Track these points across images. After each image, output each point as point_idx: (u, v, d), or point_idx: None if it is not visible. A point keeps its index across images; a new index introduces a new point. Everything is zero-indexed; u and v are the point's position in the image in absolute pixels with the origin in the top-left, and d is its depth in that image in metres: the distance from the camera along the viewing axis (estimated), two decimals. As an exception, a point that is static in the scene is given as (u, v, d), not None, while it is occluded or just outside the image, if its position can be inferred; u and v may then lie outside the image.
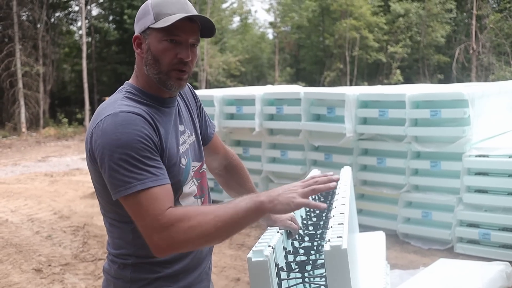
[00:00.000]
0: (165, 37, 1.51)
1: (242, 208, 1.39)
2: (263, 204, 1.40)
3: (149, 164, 1.42)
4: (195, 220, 1.37)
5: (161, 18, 1.51)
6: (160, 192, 1.41)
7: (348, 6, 25.46)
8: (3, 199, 8.13)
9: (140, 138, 1.42)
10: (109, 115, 1.45)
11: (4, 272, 4.91)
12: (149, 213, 1.39)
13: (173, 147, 1.56)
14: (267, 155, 6.66)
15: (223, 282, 4.57)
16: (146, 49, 1.55)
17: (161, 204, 1.40)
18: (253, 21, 35.88)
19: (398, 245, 5.38)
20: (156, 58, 1.53)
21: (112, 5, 27.03)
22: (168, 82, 1.55)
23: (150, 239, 1.40)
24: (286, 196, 1.41)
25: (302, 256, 1.82)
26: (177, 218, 1.38)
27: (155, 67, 1.54)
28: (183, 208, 1.42)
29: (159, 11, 1.52)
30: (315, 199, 2.62)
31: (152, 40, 1.53)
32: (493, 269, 3.85)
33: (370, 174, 5.80)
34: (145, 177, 1.40)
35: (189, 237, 1.38)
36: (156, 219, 1.38)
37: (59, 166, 12.04)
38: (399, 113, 5.37)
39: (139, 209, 1.40)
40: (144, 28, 1.54)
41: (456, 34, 26.14)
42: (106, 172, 1.43)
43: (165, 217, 1.38)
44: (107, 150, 1.41)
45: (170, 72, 1.54)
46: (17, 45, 20.81)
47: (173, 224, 1.37)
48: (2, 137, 18.59)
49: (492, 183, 4.91)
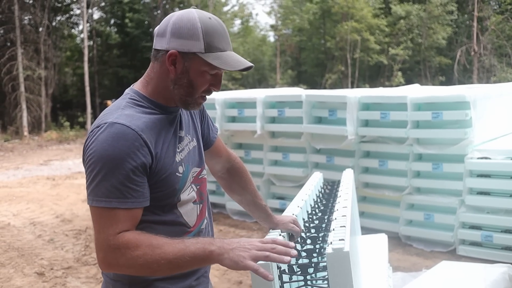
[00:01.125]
0: (209, 70, 1.53)
1: (189, 252, 1.38)
2: (211, 254, 1.38)
3: (125, 184, 1.43)
4: (141, 251, 1.39)
5: (212, 51, 1.50)
6: (122, 215, 1.43)
7: (349, 8, 25.49)
8: (5, 203, 8.14)
9: (125, 155, 1.43)
10: (107, 124, 1.46)
11: (7, 276, 4.91)
12: (104, 230, 1.42)
13: (169, 156, 1.56)
14: (269, 157, 6.66)
15: (225, 285, 4.57)
16: (183, 71, 1.53)
17: (118, 227, 1.42)
18: (254, 24, 36.01)
19: (400, 248, 5.37)
20: (191, 84, 1.54)
21: (113, 9, 27.11)
22: (192, 105, 1.59)
23: (97, 254, 1.44)
24: (237, 253, 1.37)
25: (304, 259, 1.82)
26: (125, 244, 1.40)
27: (187, 91, 1.55)
28: (134, 235, 1.43)
29: (211, 42, 1.50)
30: (317, 201, 2.62)
31: (194, 66, 1.52)
32: (496, 271, 3.84)
33: (372, 177, 5.79)
34: (114, 196, 1.42)
35: (131, 265, 1.40)
36: (107, 238, 1.41)
37: (61, 170, 12.05)
38: (401, 115, 5.37)
39: (97, 223, 1.44)
40: (187, 51, 1.50)
41: (458, 36, 26.14)
42: (86, 176, 1.47)
43: (115, 239, 1.41)
44: (92, 157, 1.43)
45: (198, 98, 1.58)
46: (19, 49, 20.87)
47: (119, 248, 1.40)
48: (4, 140, 18.62)
49: (494, 185, 4.90)
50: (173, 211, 1.60)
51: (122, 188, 1.42)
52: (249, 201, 1.96)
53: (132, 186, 1.44)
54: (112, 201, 1.42)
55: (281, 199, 6.52)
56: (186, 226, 1.63)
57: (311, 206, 2.48)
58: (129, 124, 1.46)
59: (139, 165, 1.45)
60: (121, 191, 1.42)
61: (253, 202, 1.96)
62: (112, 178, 1.41)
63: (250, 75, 30.47)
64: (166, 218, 1.59)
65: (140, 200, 1.47)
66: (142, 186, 1.47)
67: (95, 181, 1.42)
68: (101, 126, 1.46)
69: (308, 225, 2.20)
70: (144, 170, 1.47)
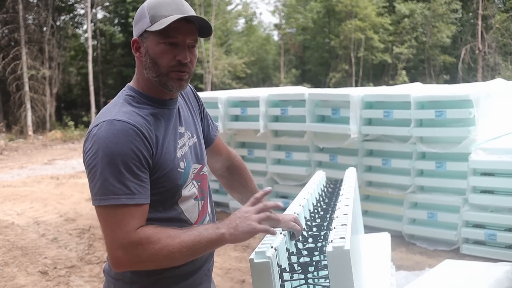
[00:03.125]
0: (162, 39, 1.52)
1: (204, 238, 1.44)
2: (223, 236, 1.46)
3: (130, 179, 1.43)
4: (163, 243, 1.41)
5: (157, 20, 1.51)
6: (134, 211, 1.43)
7: (353, 7, 25.44)
8: (10, 202, 8.16)
9: (128, 150, 1.43)
10: (105, 122, 1.46)
11: (10, 274, 4.93)
12: (120, 228, 1.41)
13: (169, 151, 1.56)
14: (272, 156, 6.65)
15: (228, 284, 4.57)
16: (145, 53, 1.55)
17: (134, 222, 1.42)
18: (258, 23, 35.91)
19: (403, 246, 5.36)
20: (154, 61, 1.53)
21: (117, 8, 27.14)
22: (168, 84, 1.55)
23: (114, 252, 1.42)
24: (243, 225, 1.47)
25: (305, 257, 1.82)
26: (147, 239, 1.41)
27: (154, 70, 1.54)
28: (152, 229, 1.43)
29: (155, 13, 1.52)
30: (319, 199, 2.61)
31: (149, 43, 1.53)
32: (499, 270, 3.82)
33: (375, 175, 5.78)
34: (122, 192, 1.42)
35: (156, 258, 1.42)
36: (127, 236, 1.40)
37: (65, 169, 12.08)
38: (404, 113, 5.36)
39: (109, 222, 1.43)
40: (141, 32, 1.54)
41: (462, 35, 26.07)
42: (89, 177, 1.45)
43: (136, 234, 1.41)
44: (95, 156, 1.43)
45: (169, 74, 1.54)
46: (23, 49, 20.94)
47: (142, 243, 1.40)
48: (9, 140, 18.68)
49: (498, 183, 4.88)
50: (174, 207, 1.60)
51: (129, 184, 1.42)
52: (249, 199, 1.96)
53: (138, 182, 1.44)
54: (121, 198, 1.41)
55: (284, 197, 6.51)
56: (188, 223, 1.63)
57: (313, 204, 2.48)
58: (128, 120, 1.46)
59: (142, 160, 1.46)
60: (128, 187, 1.42)
61: (254, 200, 1.96)
62: (118, 174, 1.41)
63: (254, 74, 30.48)
64: (168, 215, 1.59)
65: (146, 195, 1.47)
66: (147, 182, 1.48)
67: (100, 180, 1.41)
68: (100, 124, 1.46)
69: (310, 223, 2.19)
70: (147, 165, 1.48)
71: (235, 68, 26.59)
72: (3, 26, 22.21)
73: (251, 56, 29.21)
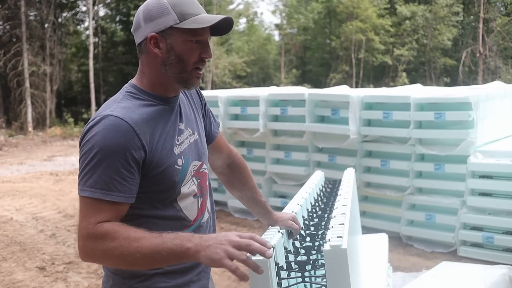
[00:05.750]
0: (191, 38, 1.54)
1: (166, 248, 1.35)
2: (188, 252, 1.35)
3: (111, 176, 1.44)
4: (117, 243, 1.38)
5: (186, 18, 1.52)
6: (105, 207, 1.44)
7: (354, 8, 25.45)
8: (9, 198, 8.17)
9: (116, 147, 1.44)
10: (101, 116, 1.47)
11: (8, 270, 4.94)
12: (85, 219, 1.43)
13: (166, 148, 1.57)
14: (271, 156, 6.66)
15: (226, 283, 4.58)
16: (168, 49, 1.54)
17: (99, 217, 1.43)
18: (259, 22, 35.93)
19: (401, 248, 5.37)
20: (180, 58, 1.55)
21: (119, 6, 27.12)
22: (190, 81, 1.59)
23: (78, 242, 1.45)
24: (213, 251, 1.32)
25: (303, 256, 1.83)
26: (102, 234, 1.40)
27: (178, 67, 1.55)
28: (113, 226, 1.42)
29: (182, 11, 1.52)
30: (317, 199, 2.62)
31: (175, 39, 1.53)
32: (496, 273, 3.83)
33: (373, 176, 5.79)
34: (99, 187, 1.43)
35: (107, 256, 1.41)
36: (87, 227, 1.42)
37: (64, 166, 12.09)
38: (404, 115, 5.37)
39: (81, 212, 1.45)
40: (163, 28, 1.53)
41: (463, 37, 26.08)
42: (79, 168, 1.49)
43: (94, 228, 1.42)
44: (85, 149, 1.46)
45: (192, 71, 1.57)
46: (25, 45, 20.93)
47: (97, 238, 1.41)
48: (9, 136, 18.68)
49: (496, 186, 4.90)
50: (173, 205, 1.60)
51: (108, 180, 1.43)
52: (249, 197, 1.97)
53: (118, 179, 1.45)
54: (97, 192, 1.43)
55: (283, 197, 6.52)
56: (186, 220, 1.63)
57: (311, 204, 2.49)
58: (122, 116, 1.47)
59: (129, 158, 1.46)
60: (107, 182, 1.43)
61: (253, 198, 1.97)
62: (99, 169, 1.43)
63: (254, 73, 30.48)
64: (166, 213, 1.59)
65: (125, 195, 1.47)
66: (130, 181, 1.47)
67: (84, 171, 1.45)
68: (95, 118, 1.49)
69: (307, 223, 2.20)
70: (135, 163, 1.48)
71: (235, 67, 26.59)
72: (5, 22, 22.21)
73: (252, 55, 29.21)
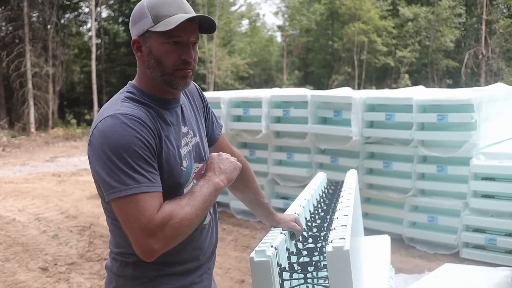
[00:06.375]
0: (167, 39, 1.52)
1: (207, 194, 1.52)
2: (219, 184, 1.56)
3: (145, 169, 1.44)
4: (182, 214, 1.44)
5: (160, 20, 1.50)
6: (153, 197, 1.43)
7: (357, 9, 25.45)
8: (11, 198, 8.18)
9: (138, 141, 1.43)
10: (109, 116, 1.46)
11: (11, 270, 4.95)
12: (145, 215, 1.39)
13: (174, 149, 1.57)
14: (274, 157, 6.66)
15: (228, 284, 4.58)
16: (148, 53, 1.55)
17: (154, 207, 1.42)
18: (262, 24, 35.93)
19: (403, 249, 5.37)
20: (159, 61, 1.53)
21: (121, 7, 27.16)
22: (174, 82, 1.56)
23: (145, 241, 1.40)
24: (228, 164, 1.62)
25: (305, 257, 1.83)
26: (168, 216, 1.41)
27: (159, 70, 1.54)
28: (166, 206, 1.44)
29: (157, 13, 1.51)
30: (319, 201, 2.63)
31: (153, 43, 1.53)
32: (499, 275, 3.83)
33: (376, 178, 5.79)
34: (141, 181, 1.42)
35: (181, 231, 1.43)
36: (152, 219, 1.39)
37: (66, 167, 12.10)
38: (406, 117, 5.36)
39: (131, 211, 1.40)
40: (142, 31, 1.53)
41: (466, 39, 26.05)
42: (102, 173, 1.43)
43: (158, 217, 1.40)
44: (105, 151, 1.42)
45: (174, 72, 1.55)
46: (27, 46, 20.97)
47: (166, 222, 1.40)
48: (11, 137, 18.71)
49: (499, 188, 4.89)
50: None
51: (144, 173, 1.43)
52: (251, 198, 1.97)
53: (151, 170, 1.45)
54: (141, 186, 1.41)
55: (285, 199, 6.52)
56: None
57: (314, 205, 2.49)
58: (131, 113, 1.48)
59: (151, 150, 1.47)
60: (144, 175, 1.43)
61: (255, 199, 1.97)
62: (132, 165, 1.41)
63: (256, 75, 30.48)
64: None
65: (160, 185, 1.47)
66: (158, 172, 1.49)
67: (115, 173, 1.40)
68: (104, 119, 1.46)
69: (310, 224, 2.21)
70: (154, 155, 1.49)
71: (237, 69, 26.59)
72: (8, 23, 22.26)
73: (254, 57, 29.21)
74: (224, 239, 5.82)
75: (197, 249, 1.67)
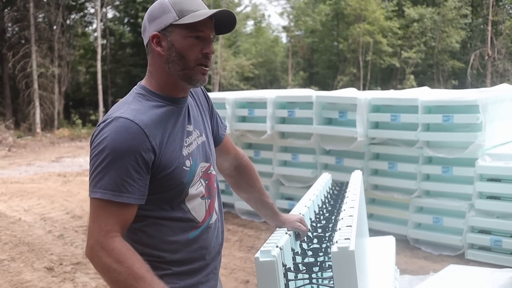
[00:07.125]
0: (191, 33, 1.56)
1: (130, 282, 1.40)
2: None
3: (122, 178, 1.46)
4: (119, 268, 1.41)
5: (185, 14, 1.54)
6: (114, 209, 1.46)
7: (362, 10, 25.42)
8: (17, 198, 8.22)
9: (127, 149, 1.46)
10: (112, 118, 1.50)
11: (17, 270, 4.97)
12: (97, 221, 1.46)
13: (175, 150, 1.58)
14: (278, 158, 6.66)
15: (232, 284, 4.58)
16: (169, 47, 1.57)
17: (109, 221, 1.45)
18: (267, 25, 35.94)
19: (408, 251, 5.36)
20: (181, 55, 1.56)
21: (127, 8, 27.23)
22: (194, 77, 1.59)
23: (87, 239, 1.47)
24: None
25: (310, 258, 1.83)
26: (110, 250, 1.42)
27: (180, 64, 1.57)
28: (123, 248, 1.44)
29: (181, 8, 1.55)
30: (324, 201, 2.63)
31: (175, 37, 1.56)
32: (504, 276, 3.82)
33: (381, 179, 5.78)
34: (110, 188, 1.45)
35: (104, 271, 1.43)
36: (99, 233, 1.44)
37: (72, 167, 12.15)
38: (411, 117, 5.35)
39: (92, 213, 1.48)
40: (164, 26, 1.56)
41: (471, 40, 25.97)
42: (90, 169, 1.50)
43: (105, 238, 1.44)
44: (96, 151, 1.48)
45: (195, 68, 1.58)
46: (33, 47, 21.06)
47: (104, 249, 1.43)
48: (17, 137, 18.79)
49: (504, 189, 4.87)
50: (181, 206, 1.61)
51: (118, 182, 1.45)
52: (256, 199, 1.97)
53: (128, 181, 1.47)
54: (107, 193, 1.45)
55: (290, 199, 6.52)
56: (194, 222, 1.64)
57: (319, 206, 2.49)
58: (133, 118, 1.49)
59: (139, 159, 1.48)
60: (117, 184, 1.45)
61: (260, 200, 1.97)
62: (110, 171, 1.45)
63: (262, 76, 30.49)
64: (174, 214, 1.60)
65: (135, 196, 1.48)
66: (140, 182, 1.49)
67: (95, 173, 1.47)
68: (106, 120, 1.51)
69: (315, 224, 2.21)
70: (144, 165, 1.50)
71: (243, 70, 26.60)
72: (14, 23, 22.38)
73: (259, 57, 29.22)
74: (229, 240, 5.83)
75: (203, 248, 1.67)
